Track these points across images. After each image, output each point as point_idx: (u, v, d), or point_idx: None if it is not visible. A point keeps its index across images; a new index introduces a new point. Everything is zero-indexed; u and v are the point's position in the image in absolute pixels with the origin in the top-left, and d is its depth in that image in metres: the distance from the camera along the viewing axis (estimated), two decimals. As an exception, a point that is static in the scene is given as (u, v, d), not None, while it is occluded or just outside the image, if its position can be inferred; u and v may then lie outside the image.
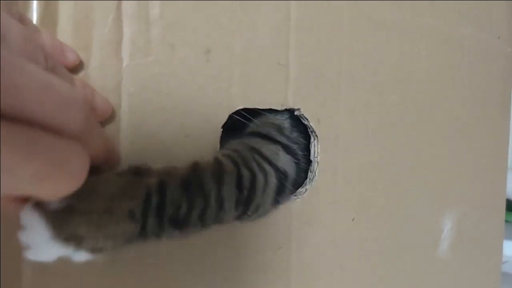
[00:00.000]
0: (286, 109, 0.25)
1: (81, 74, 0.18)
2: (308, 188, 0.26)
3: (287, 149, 0.23)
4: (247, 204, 0.20)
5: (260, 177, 0.20)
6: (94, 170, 0.14)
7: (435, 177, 0.34)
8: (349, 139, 0.28)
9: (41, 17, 0.18)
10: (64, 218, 0.15)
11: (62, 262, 0.17)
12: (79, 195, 0.13)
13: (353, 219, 0.28)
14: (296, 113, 0.26)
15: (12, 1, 0.19)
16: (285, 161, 0.22)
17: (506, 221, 0.64)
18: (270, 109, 0.25)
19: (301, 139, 0.24)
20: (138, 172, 0.17)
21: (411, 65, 0.32)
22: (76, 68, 0.18)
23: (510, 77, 0.43)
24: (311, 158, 0.27)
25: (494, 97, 0.41)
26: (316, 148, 0.27)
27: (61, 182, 0.12)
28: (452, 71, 0.36)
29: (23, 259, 0.17)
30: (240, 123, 0.24)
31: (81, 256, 0.15)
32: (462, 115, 0.37)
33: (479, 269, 0.41)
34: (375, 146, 0.29)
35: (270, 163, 0.21)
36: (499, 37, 0.41)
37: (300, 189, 0.26)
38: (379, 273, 0.30)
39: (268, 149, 0.22)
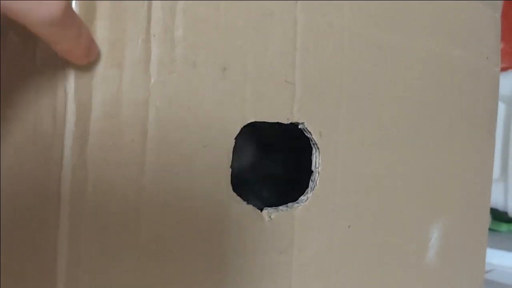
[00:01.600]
0: (291, 123, 0.28)
1: (114, 89, 0.20)
2: (310, 196, 0.28)
3: None
4: None
5: None
6: None
7: (424, 188, 0.37)
8: (347, 152, 0.30)
9: (80, 37, 0.20)
10: None
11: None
12: None
13: (349, 226, 0.31)
14: (300, 126, 0.28)
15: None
16: None
17: (493, 230, 0.67)
18: (278, 122, 0.27)
19: None
20: None
21: (406, 83, 0.35)
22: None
23: (497, 95, 0.46)
24: (313, 168, 0.29)
25: (481, 113, 0.44)
26: (317, 160, 0.29)
27: None
28: (443, 89, 0.38)
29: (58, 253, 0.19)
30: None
31: None
32: (451, 131, 0.39)
33: (464, 276, 0.43)
34: (371, 159, 0.32)
35: None
36: (487, 58, 0.44)
37: (302, 197, 0.29)
38: (371, 277, 0.33)
39: None
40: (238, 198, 0.25)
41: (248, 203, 0.25)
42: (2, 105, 0.24)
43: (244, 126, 0.25)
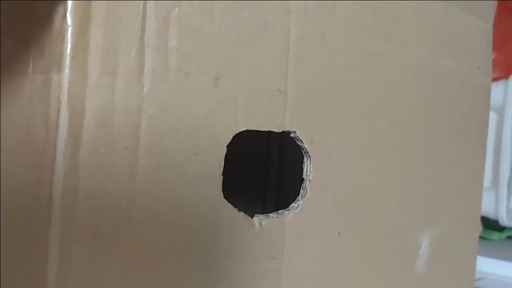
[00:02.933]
0: (283, 131, 0.28)
1: (107, 97, 0.21)
2: (300, 203, 0.29)
3: None
4: None
5: None
6: None
7: (415, 196, 0.37)
8: (339, 160, 0.30)
9: (74, 46, 0.20)
10: None
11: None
12: None
13: (339, 233, 0.31)
14: (291, 135, 0.29)
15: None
16: None
17: (484, 238, 0.67)
18: (270, 131, 0.27)
19: None
20: None
21: (398, 93, 0.35)
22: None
23: (488, 105, 0.47)
24: (304, 176, 0.29)
25: (473, 123, 0.44)
26: (308, 168, 0.29)
27: None
28: (434, 99, 0.39)
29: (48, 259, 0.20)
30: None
31: None
32: (443, 140, 0.40)
33: (454, 283, 0.44)
34: (362, 167, 0.32)
35: None
36: (478, 68, 0.44)
37: (293, 204, 0.29)
38: (362, 284, 0.33)
39: None
40: (229, 205, 0.25)
41: (238, 210, 0.26)
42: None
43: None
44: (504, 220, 0.64)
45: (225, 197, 0.25)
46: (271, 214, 0.28)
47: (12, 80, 0.23)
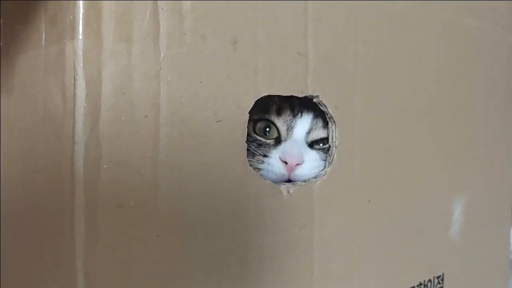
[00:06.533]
0: (305, 96, 0.27)
1: (123, 63, 0.20)
2: (328, 171, 0.28)
3: None
4: None
5: None
6: None
7: (446, 162, 0.36)
8: (365, 124, 0.29)
9: (87, 11, 0.19)
10: None
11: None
12: None
13: (369, 201, 0.30)
14: (314, 100, 0.27)
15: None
16: None
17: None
18: (292, 96, 0.26)
19: None
20: None
21: (421, 54, 0.33)
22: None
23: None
24: (330, 143, 0.28)
25: (499, 84, 0.42)
26: (334, 134, 0.28)
27: None
28: (459, 60, 0.37)
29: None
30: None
31: None
32: (470, 102, 0.38)
33: (488, 253, 0.42)
34: (389, 132, 0.31)
35: None
36: (503, 27, 0.42)
37: (320, 172, 0.28)
38: (394, 252, 0.32)
39: None
40: (255, 173, 0.24)
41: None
42: (9, 93, 0.24)
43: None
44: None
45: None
46: (298, 182, 0.27)
47: (26, 56, 0.22)
